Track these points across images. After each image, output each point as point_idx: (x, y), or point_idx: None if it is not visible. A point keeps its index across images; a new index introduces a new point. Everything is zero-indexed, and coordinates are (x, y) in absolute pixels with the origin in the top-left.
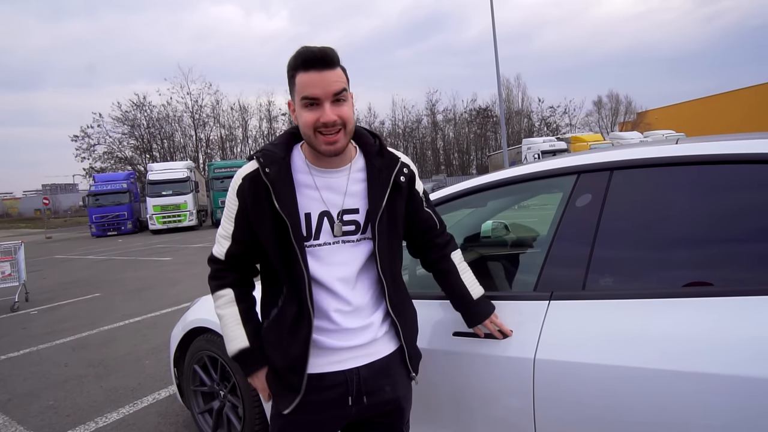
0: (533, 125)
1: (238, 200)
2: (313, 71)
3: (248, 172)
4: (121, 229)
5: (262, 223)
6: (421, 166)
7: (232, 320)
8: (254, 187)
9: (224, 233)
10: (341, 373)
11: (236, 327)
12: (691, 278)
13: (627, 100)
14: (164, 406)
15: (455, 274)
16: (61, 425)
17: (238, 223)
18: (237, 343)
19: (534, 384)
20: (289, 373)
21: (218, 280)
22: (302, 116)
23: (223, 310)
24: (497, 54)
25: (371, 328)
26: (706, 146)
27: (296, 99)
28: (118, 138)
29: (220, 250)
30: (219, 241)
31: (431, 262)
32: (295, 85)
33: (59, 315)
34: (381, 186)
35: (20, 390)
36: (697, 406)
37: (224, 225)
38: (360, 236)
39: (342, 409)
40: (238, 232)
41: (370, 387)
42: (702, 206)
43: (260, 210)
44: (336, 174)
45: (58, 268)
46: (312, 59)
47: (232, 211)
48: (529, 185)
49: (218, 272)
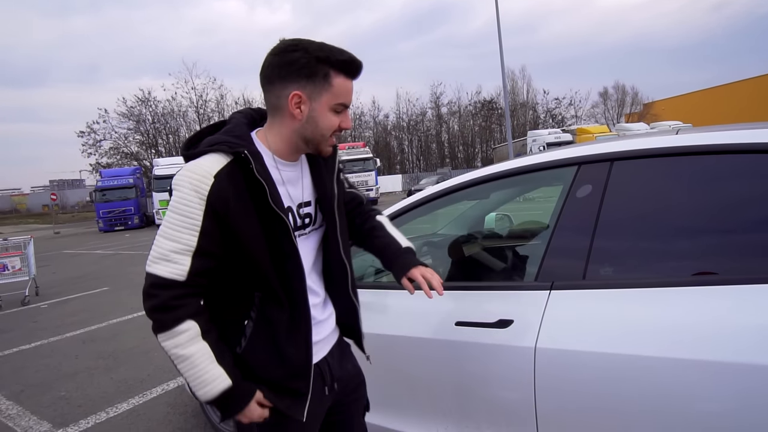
0: (538, 117)
1: (207, 204)
2: (353, 80)
3: (220, 168)
4: (128, 224)
5: (248, 227)
6: (425, 159)
7: (203, 359)
8: (235, 185)
9: (180, 247)
10: (316, 366)
11: (211, 366)
12: (692, 267)
13: (633, 91)
14: (173, 396)
15: (381, 227)
16: (73, 415)
17: (205, 231)
18: (217, 385)
19: (535, 372)
20: (292, 380)
21: (173, 311)
22: (328, 118)
23: (187, 348)
24: (501, 45)
25: (331, 317)
26: (705, 136)
27: (325, 99)
28: (124, 133)
29: (176, 271)
30: (171, 258)
31: (358, 226)
32: (331, 86)
33: (69, 309)
34: (328, 174)
35: (33, 381)
36: (698, 394)
37: (178, 237)
38: (315, 227)
39: (322, 399)
40: (206, 243)
41: (338, 372)
42: (702, 196)
43: (246, 212)
44: (294, 167)
45: (66, 262)
46: (356, 69)
47: (192, 217)
48: (531, 176)
49: (173, 300)
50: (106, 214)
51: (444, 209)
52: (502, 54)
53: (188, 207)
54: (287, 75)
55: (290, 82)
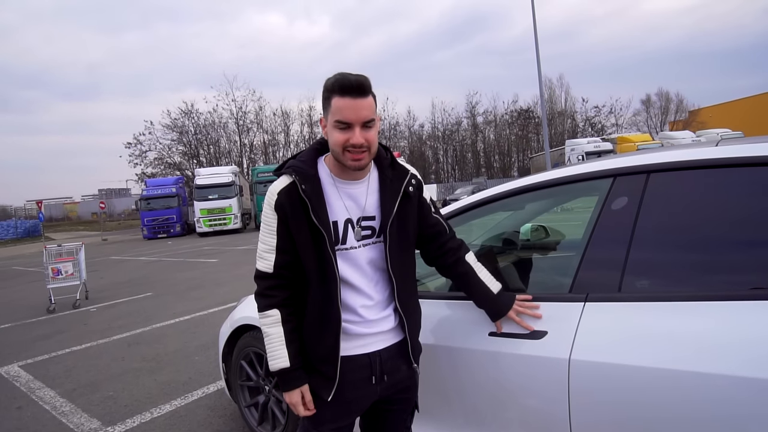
0: (577, 126)
1: (277, 213)
2: (348, 98)
3: (283, 187)
4: (171, 231)
5: (299, 232)
6: (461, 169)
7: (276, 340)
8: (290, 200)
9: (267, 247)
10: (366, 356)
11: (280, 347)
12: (732, 281)
13: (678, 97)
14: (213, 399)
15: (473, 274)
16: (120, 414)
17: (280, 234)
18: (279, 363)
19: (569, 384)
20: (322, 363)
21: (267, 299)
22: (334, 136)
23: (269, 329)
24: (538, 53)
25: (389, 318)
26: (745, 148)
27: (329, 119)
28: (168, 144)
29: (266, 265)
30: (263, 257)
31: (448, 266)
32: (330, 107)
33: (116, 312)
34: (392, 194)
35: (83, 381)
36: (741, 412)
37: (265, 240)
38: (375, 239)
39: (368, 388)
40: (281, 242)
41: (389, 367)
42: (739, 209)
43: (298, 220)
44: (356, 185)
45: (113, 268)
46: (348, 87)
47: (271, 225)
48: (565, 188)
49: (267, 290)
50: (150, 222)
51: (479, 220)
52: (539, 61)
53: (267, 217)
54: (322, 107)
55: (323, 111)
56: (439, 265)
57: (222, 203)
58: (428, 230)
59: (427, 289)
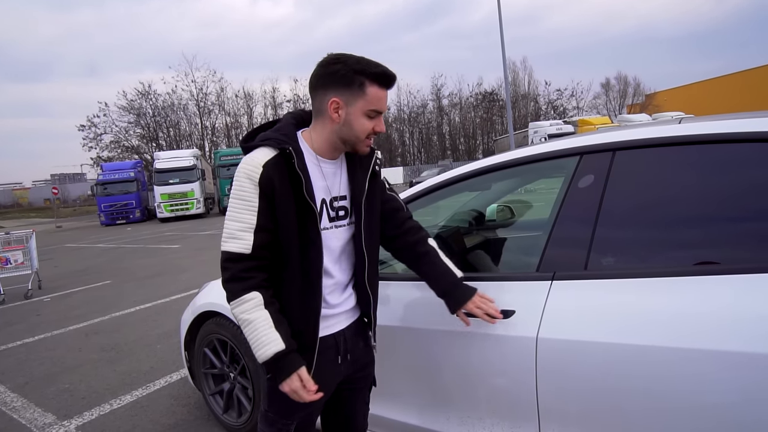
0: (540, 109)
1: (260, 188)
2: (385, 89)
3: (268, 159)
4: (130, 217)
5: (286, 210)
6: (427, 152)
7: (263, 324)
8: (279, 174)
9: (244, 226)
10: (331, 337)
11: (268, 330)
12: (695, 257)
13: (635, 81)
14: (176, 388)
15: (435, 254)
16: (78, 407)
17: (262, 211)
18: (272, 347)
19: (537, 362)
20: (301, 351)
21: (242, 282)
22: (362, 123)
23: (251, 314)
24: (503, 36)
25: (350, 298)
26: (708, 125)
27: (359, 105)
28: (125, 127)
29: (243, 245)
30: (237, 236)
31: (409, 246)
32: (365, 94)
33: (71, 302)
34: (362, 173)
35: (37, 374)
36: (698, 383)
37: (240, 218)
38: (349, 221)
39: (336, 368)
40: (263, 221)
41: (351, 345)
42: (703, 186)
43: (286, 197)
44: (333, 165)
45: (69, 256)
46: (390, 81)
47: (250, 200)
48: (532, 167)
49: (242, 273)
50: (108, 207)
51: (445, 201)
52: (503, 45)
53: (246, 192)
54: (329, 84)
55: (330, 90)
56: (399, 245)
57: (184, 187)
58: (385, 206)
59: (395, 271)
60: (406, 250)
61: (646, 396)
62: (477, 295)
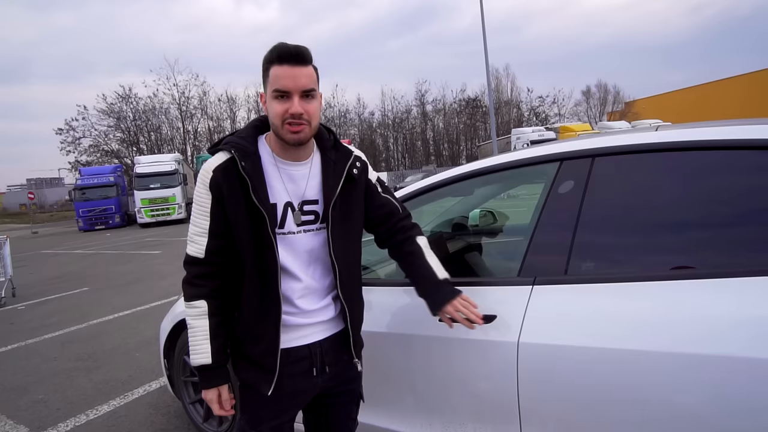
0: (522, 115)
1: (211, 193)
2: (286, 65)
3: (218, 164)
4: (109, 222)
5: (236, 214)
6: (411, 157)
7: (200, 333)
8: (227, 178)
9: (199, 230)
10: (305, 347)
11: (203, 341)
12: (672, 262)
13: (615, 89)
14: (155, 397)
15: (419, 255)
16: (52, 418)
17: (213, 216)
18: (200, 358)
19: (518, 367)
20: (263, 357)
21: (194, 288)
22: (272, 107)
23: (194, 321)
24: (486, 43)
25: (329, 308)
26: (684, 132)
27: (268, 90)
28: (104, 131)
29: (197, 249)
30: (193, 240)
31: (396, 245)
32: (269, 77)
33: (47, 310)
34: (335, 177)
35: (9, 384)
36: (676, 386)
37: (197, 222)
38: (319, 225)
39: (309, 381)
40: (214, 225)
41: (331, 358)
42: (679, 192)
43: (235, 200)
44: (298, 167)
45: (45, 263)
46: (286, 54)
47: (204, 205)
48: (513, 173)
49: (196, 279)
50: (86, 213)
51: (428, 206)
52: (486, 52)
53: (201, 197)
54: (263, 82)
55: (263, 86)
56: (390, 245)
57: (164, 192)
58: (377, 212)
59: (377, 277)
60: (393, 249)
61: (626, 400)
62: (459, 298)
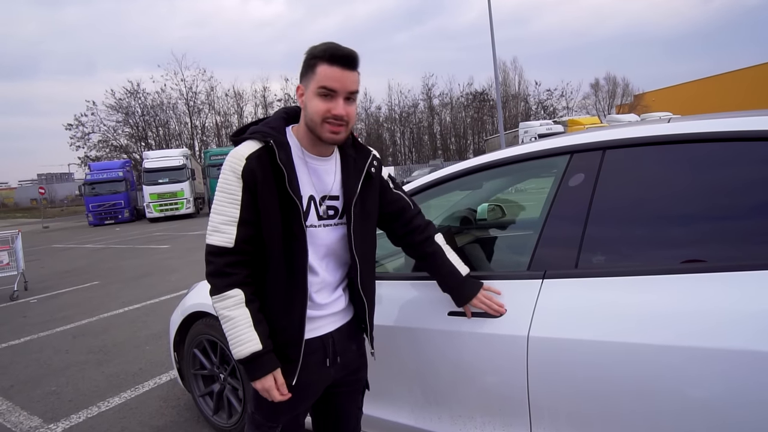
0: (530, 109)
1: (243, 181)
2: (337, 67)
3: (252, 152)
4: (118, 217)
5: (269, 204)
6: (418, 151)
7: (242, 322)
8: (262, 166)
9: (226, 219)
10: (318, 339)
11: (247, 329)
12: (683, 255)
13: (624, 82)
14: (165, 390)
15: (441, 254)
16: (64, 410)
17: (244, 204)
18: (249, 347)
19: (528, 361)
20: (287, 348)
21: (226, 277)
22: (314, 103)
23: (233, 311)
24: (493, 37)
25: (340, 299)
26: (696, 124)
27: (311, 86)
28: (113, 126)
29: (226, 239)
30: (221, 229)
31: (416, 245)
32: (315, 73)
33: (59, 303)
34: (356, 174)
35: (22, 377)
36: (687, 380)
37: (225, 211)
38: (337, 221)
39: (324, 371)
40: (246, 214)
41: (342, 348)
42: (692, 184)
43: (268, 190)
44: (323, 162)
45: (56, 257)
46: (340, 56)
47: (234, 193)
48: (523, 165)
49: (226, 267)
50: (96, 207)
51: (436, 200)
52: (494, 45)
53: (230, 185)
54: (301, 75)
55: (301, 79)
56: (407, 244)
57: (173, 187)
58: (390, 207)
59: (386, 270)
60: (413, 249)
61: (636, 394)
62: (483, 290)
